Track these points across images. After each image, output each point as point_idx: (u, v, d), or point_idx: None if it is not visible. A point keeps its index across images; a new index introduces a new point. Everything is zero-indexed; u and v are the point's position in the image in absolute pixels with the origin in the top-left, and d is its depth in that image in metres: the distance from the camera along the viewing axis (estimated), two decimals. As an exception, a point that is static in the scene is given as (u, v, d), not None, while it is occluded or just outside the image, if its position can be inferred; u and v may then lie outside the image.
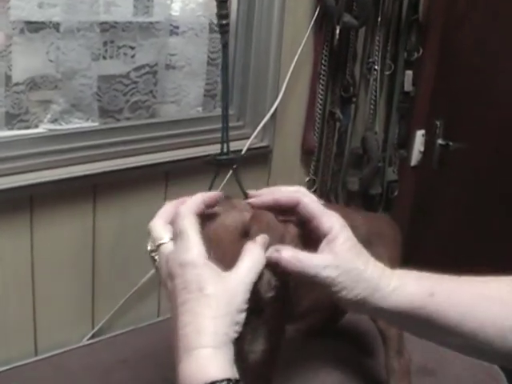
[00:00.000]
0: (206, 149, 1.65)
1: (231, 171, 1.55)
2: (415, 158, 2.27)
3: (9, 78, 1.36)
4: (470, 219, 2.20)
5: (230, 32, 1.49)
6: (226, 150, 1.52)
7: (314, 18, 1.80)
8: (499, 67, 2.10)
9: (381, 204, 2.16)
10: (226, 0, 1.44)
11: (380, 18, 1.98)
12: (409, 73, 2.12)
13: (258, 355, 0.87)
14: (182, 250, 0.80)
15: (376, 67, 2.03)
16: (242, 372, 0.75)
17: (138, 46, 1.54)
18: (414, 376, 1.40)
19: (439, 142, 2.25)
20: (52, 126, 1.46)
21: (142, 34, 1.54)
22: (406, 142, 2.22)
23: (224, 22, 1.44)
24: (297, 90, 1.87)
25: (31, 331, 1.51)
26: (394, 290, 0.82)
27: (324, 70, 1.89)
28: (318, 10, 1.79)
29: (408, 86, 2.13)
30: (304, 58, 1.82)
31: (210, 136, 1.65)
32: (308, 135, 1.94)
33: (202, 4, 1.60)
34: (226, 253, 0.84)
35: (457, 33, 2.16)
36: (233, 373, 0.73)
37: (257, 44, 1.71)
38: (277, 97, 1.76)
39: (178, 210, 0.84)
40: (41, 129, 1.45)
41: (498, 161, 2.16)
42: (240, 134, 1.74)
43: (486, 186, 2.19)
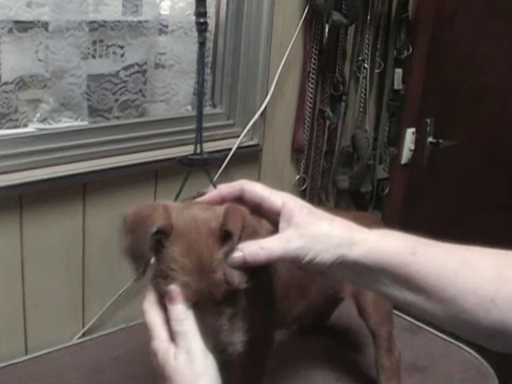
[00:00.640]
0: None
1: (220, 170, 1.56)
2: (405, 156, 2.27)
3: (-2, 77, 1.36)
4: (460, 217, 2.21)
5: (210, 30, 1.50)
6: (199, 150, 1.54)
7: (303, 17, 1.80)
8: (489, 65, 2.11)
9: (371, 202, 2.16)
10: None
11: (369, 16, 1.99)
12: (398, 71, 2.12)
13: (237, 347, 0.87)
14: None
15: (366, 65, 2.04)
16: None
17: (127, 45, 1.54)
18: (404, 373, 1.40)
19: (429, 140, 2.26)
20: (41, 126, 1.47)
21: (131, 33, 1.54)
22: (396, 140, 2.22)
23: (202, 20, 1.46)
24: (286, 89, 1.87)
25: (21, 330, 1.51)
26: (374, 243, 0.82)
27: (314, 69, 1.90)
28: (307, 8, 1.80)
29: (398, 84, 2.14)
30: (293, 56, 1.82)
31: (199, 134, 1.65)
32: (298, 133, 1.94)
33: (191, 3, 1.59)
34: (201, 251, 0.84)
35: (447, 31, 2.17)
36: None
37: (246, 42, 1.71)
38: (266, 95, 1.76)
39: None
40: (30, 128, 1.45)
41: (488, 159, 2.16)
42: (230, 133, 1.74)
43: (476, 184, 2.20)
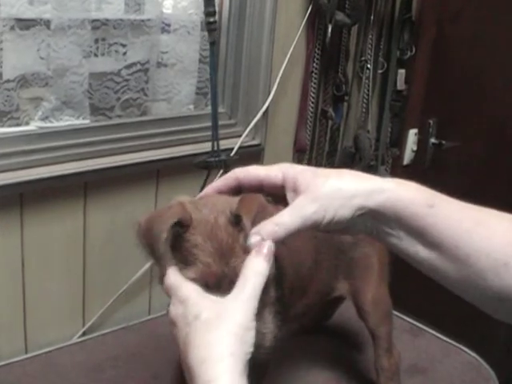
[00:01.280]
0: (197, 147, 1.65)
1: (222, 171, 1.56)
2: (408, 156, 2.27)
3: (-1, 75, 1.36)
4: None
5: (217, 30, 1.48)
6: (216, 149, 1.52)
7: (306, 16, 1.80)
8: (493, 66, 2.10)
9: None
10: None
11: (373, 17, 1.98)
12: (401, 71, 2.12)
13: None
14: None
15: (368, 66, 2.04)
16: None
17: (129, 43, 1.54)
18: (404, 374, 1.40)
19: (432, 140, 2.25)
20: (43, 124, 1.46)
21: (133, 32, 1.54)
22: (398, 141, 2.22)
23: (211, 19, 1.44)
24: (289, 88, 1.87)
25: (21, 329, 1.51)
26: (390, 192, 0.79)
27: (316, 69, 1.90)
28: (310, 7, 1.80)
29: (401, 85, 2.13)
30: (296, 56, 1.82)
31: (201, 134, 1.65)
32: (300, 133, 1.94)
33: (193, 1, 1.60)
34: (221, 237, 0.83)
35: (450, 31, 2.16)
36: None
37: (249, 42, 1.71)
38: (269, 95, 1.76)
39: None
40: (32, 126, 1.45)
41: (490, 160, 2.16)
42: (232, 132, 1.74)
43: (478, 185, 2.19)
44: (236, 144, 1.70)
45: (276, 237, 0.79)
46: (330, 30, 1.83)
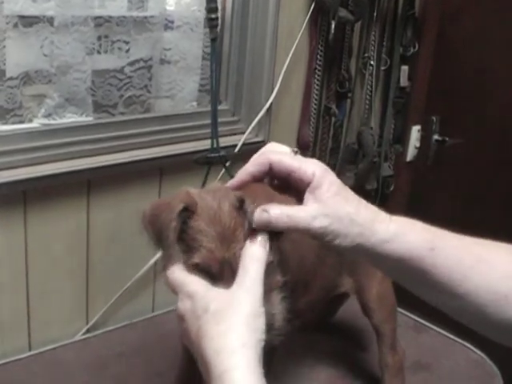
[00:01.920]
0: (200, 144, 1.65)
1: (224, 168, 1.56)
2: (411, 153, 2.27)
3: (2, 72, 1.36)
4: (465, 214, 2.20)
5: (221, 26, 1.48)
6: (215, 146, 1.51)
7: (309, 13, 1.79)
8: (496, 62, 2.10)
9: (376, 199, 2.15)
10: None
11: (376, 13, 1.98)
12: (404, 68, 2.12)
13: None
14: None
15: (372, 62, 2.03)
16: None
17: (132, 40, 1.54)
18: (408, 371, 1.40)
19: (435, 137, 2.25)
20: (46, 121, 1.46)
21: (136, 29, 1.53)
22: (401, 138, 2.21)
23: (213, 15, 1.44)
24: (292, 85, 1.86)
25: (25, 326, 1.51)
26: (392, 236, 0.80)
27: (319, 65, 1.89)
28: (313, 4, 1.79)
29: (404, 82, 2.13)
30: (299, 52, 1.82)
31: (204, 131, 1.64)
32: (303, 130, 1.93)
33: (196, -2, 1.60)
34: (224, 221, 0.84)
35: (453, 28, 2.16)
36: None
37: (252, 38, 1.71)
38: (272, 92, 1.76)
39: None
40: (35, 123, 1.45)
41: (493, 156, 2.16)
42: (235, 129, 1.74)
43: (481, 182, 2.19)
44: (240, 141, 1.70)
45: (280, 223, 0.80)
46: (333, 26, 1.82)
